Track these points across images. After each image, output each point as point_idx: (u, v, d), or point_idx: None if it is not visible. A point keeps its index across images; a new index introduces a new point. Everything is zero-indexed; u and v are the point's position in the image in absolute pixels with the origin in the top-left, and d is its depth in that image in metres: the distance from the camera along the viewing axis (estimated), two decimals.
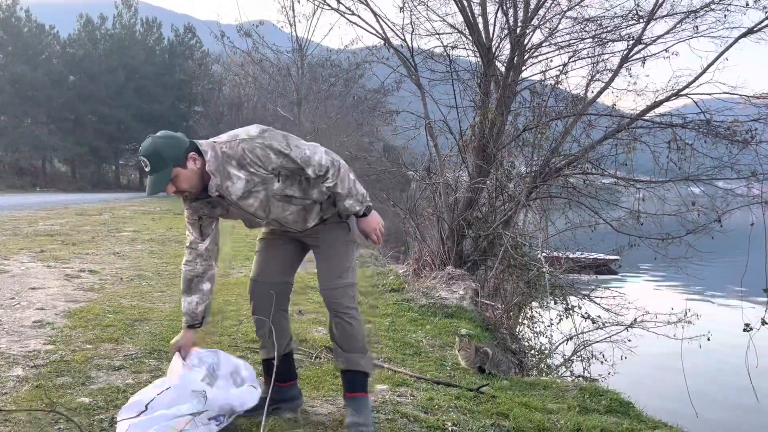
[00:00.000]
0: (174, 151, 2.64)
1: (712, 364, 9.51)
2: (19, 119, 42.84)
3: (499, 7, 8.12)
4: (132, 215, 17.86)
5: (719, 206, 7.33)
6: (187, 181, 2.68)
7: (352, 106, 22.91)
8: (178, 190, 2.69)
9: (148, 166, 2.61)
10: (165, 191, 2.68)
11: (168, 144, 2.65)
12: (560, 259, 8.97)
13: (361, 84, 23.15)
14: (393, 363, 4.39)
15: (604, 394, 4.11)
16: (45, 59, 43.94)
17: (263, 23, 18.06)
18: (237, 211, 2.84)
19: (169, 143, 2.66)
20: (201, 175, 2.69)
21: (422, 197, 8.24)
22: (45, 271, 6.98)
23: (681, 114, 7.60)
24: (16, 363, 3.65)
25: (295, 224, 2.94)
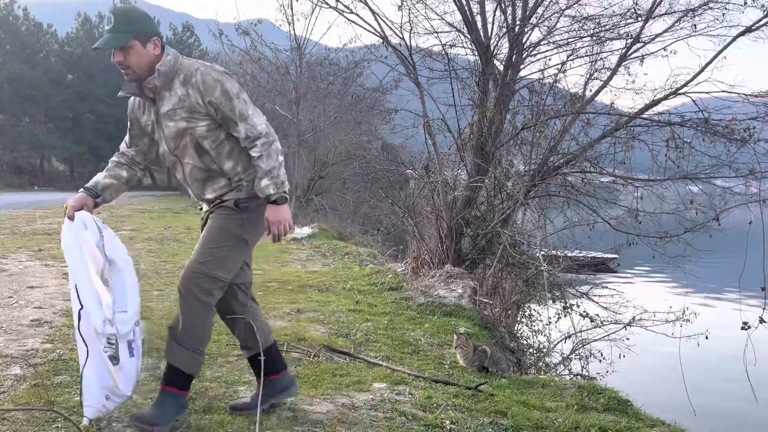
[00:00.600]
0: (141, 25, 2.67)
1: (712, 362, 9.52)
2: (18, 118, 42.74)
3: (497, 6, 8.11)
4: (130, 214, 17.84)
5: (717, 205, 7.32)
6: (137, 57, 2.65)
7: (351, 105, 22.86)
8: (124, 62, 2.65)
9: (111, 23, 2.62)
10: (113, 53, 2.65)
11: (141, 17, 2.71)
12: (558, 257, 8.98)
13: (360, 83, 23.09)
14: (391, 361, 4.39)
15: (603, 392, 4.11)
16: (43, 58, 43.88)
17: (261, 22, 17.99)
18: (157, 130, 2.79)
19: (143, 17, 2.72)
20: (150, 64, 2.67)
21: (421, 196, 8.23)
22: (43, 270, 6.98)
23: (679, 113, 7.59)
24: (14, 362, 3.65)
25: (193, 182, 2.83)
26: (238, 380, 3.63)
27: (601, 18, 8.06)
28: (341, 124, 21.70)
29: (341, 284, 7.34)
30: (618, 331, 8.44)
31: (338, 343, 4.66)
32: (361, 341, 4.86)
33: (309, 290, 6.89)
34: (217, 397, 3.28)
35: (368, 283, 7.45)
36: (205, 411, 3.06)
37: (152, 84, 2.69)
